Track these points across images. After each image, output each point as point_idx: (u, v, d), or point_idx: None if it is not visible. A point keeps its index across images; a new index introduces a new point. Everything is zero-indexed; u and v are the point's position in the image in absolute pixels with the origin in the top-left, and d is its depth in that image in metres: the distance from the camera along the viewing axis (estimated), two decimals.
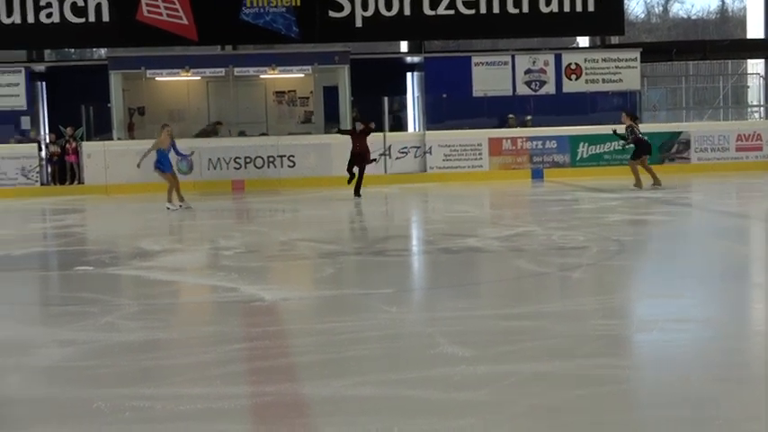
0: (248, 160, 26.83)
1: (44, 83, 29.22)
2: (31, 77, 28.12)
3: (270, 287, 11.01)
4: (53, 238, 18.19)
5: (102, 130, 28.03)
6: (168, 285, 11.93)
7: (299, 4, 27.94)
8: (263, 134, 28.34)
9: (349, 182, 23.20)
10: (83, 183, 26.70)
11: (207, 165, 26.77)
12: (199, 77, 28.73)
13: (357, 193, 23.04)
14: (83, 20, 27.50)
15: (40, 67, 29.12)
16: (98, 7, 27.40)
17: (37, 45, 29.15)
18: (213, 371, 7.28)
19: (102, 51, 29.59)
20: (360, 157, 23.18)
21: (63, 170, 27.10)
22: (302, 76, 29.06)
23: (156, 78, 28.50)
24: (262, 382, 6.88)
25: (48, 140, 27.58)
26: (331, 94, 28.94)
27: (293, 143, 27.32)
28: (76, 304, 10.40)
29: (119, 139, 27.74)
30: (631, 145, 23.32)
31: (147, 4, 27.33)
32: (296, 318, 9.48)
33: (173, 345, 8.56)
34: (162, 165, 21.22)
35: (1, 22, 27.09)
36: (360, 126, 23.59)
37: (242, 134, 28.18)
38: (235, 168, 26.89)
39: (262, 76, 28.96)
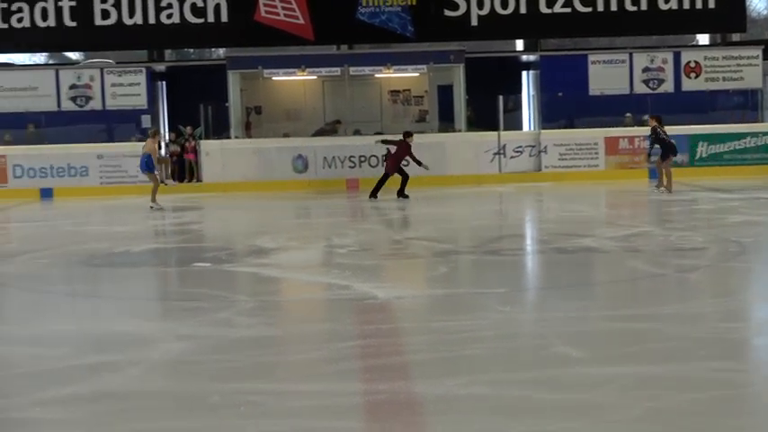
0: (363, 159, 26.92)
1: (164, 82, 29.72)
2: (152, 77, 28.61)
3: (383, 285, 11.04)
4: (172, 235, 18.49)
5: (219, 129, 28.40)
6: (283, 282, 12.06)
7: (414, 2, 27.94)
8: (378, 133, 28.40)
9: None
10: (201, 180, 27.09)
11: (322, 163, 26.95)
12: (315, 77, 28.91)
13: (398, 194, 22.88)
14: (202, 20, 27.93)
15: (160, 67, 29.62)
16: (217, 8, 27.80)
17: (158, 45, 29.69)
18: (326, 368, 7.33)
19: (221, 51, 30.00)
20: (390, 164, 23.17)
21: (182, 168, 27.55)
22: (417, 75, 29.03)
23: (273, 78, 28.76)
24: (375, 379, 6.90)
25: (168, 139, 28.06)
26: (445, 92, 28.86)
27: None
28: (194, 300, 10.57)
29: (236, 137, 28.07)
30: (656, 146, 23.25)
31: (265, 5, 27.61)
32: (409, 316, 9.48)
33: (287, 341, 8.64)
34: (148, 166, 21.66)
35: (123, 23, 27.66)
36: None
37: (357, 133, 28.29)
38: (349, 167, 27.00)
39: (377, 76, 29.02)
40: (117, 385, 7.02)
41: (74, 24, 27.58)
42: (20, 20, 27.35)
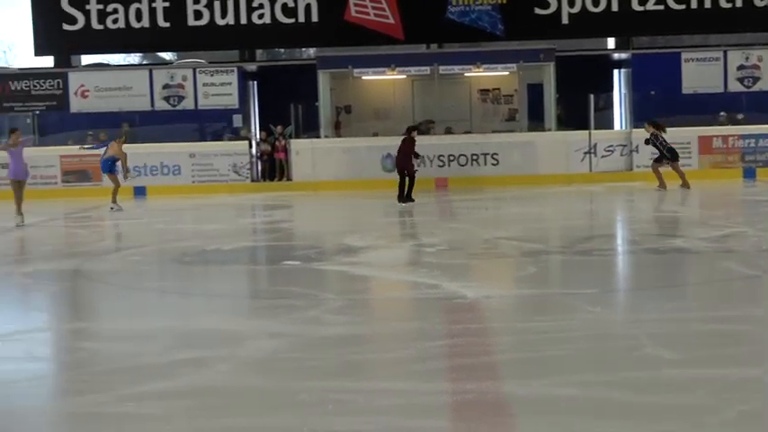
0: (452, 158, 26.90)
1: (255, 82, 29.99)
2: (243, 77, 28.89)
3: (472, 284, 11.02)
4: (262, 234, 18.66)
5: (309, 128, 28.56)
6: (371, 281, 12.11)
7: (504, 1, 27.84)
8: (468, 132, 28.37)
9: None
10: (291, 179, 27.29)
11: None
12: (404, 76, 28.95)
13: (405, 198, 22.03)
14: (293, 20, 28.13)
15: (251, 67, 29.90)
16: (307, 8, 28.00)
17: (249, 45, 29.96)
18: (414, 367, 7.35)
19: (311, 51, 30.15)
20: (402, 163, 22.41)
21: (272, 167, 27.77)
22: (507, 73, 28.91)
23: (363, 77, 28.85)
24: (462, 379, 6.90)
25: (258, 138, 28.31)
26: (535, 91, 28.70)
27: (497, 141, 27.25)
28: (284, 298, 10.66)
29: (326, 137, 28.21)
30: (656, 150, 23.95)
31: (356, 4, 27.72)
32: (497, 316, 9.46)
33: (375, 340, 8.68)
34: (110, 169, 22.19)
35: (215, 23, 27.99)
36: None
37: (448, 132, 28.27)
38: (438, 166, 27.00)
39: (466, 74, 28.97)
40: (207, 381, 7.12)
41: (167, 25, 27.97)
42: (115, 21, 27.83)
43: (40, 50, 28.65)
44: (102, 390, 7.00)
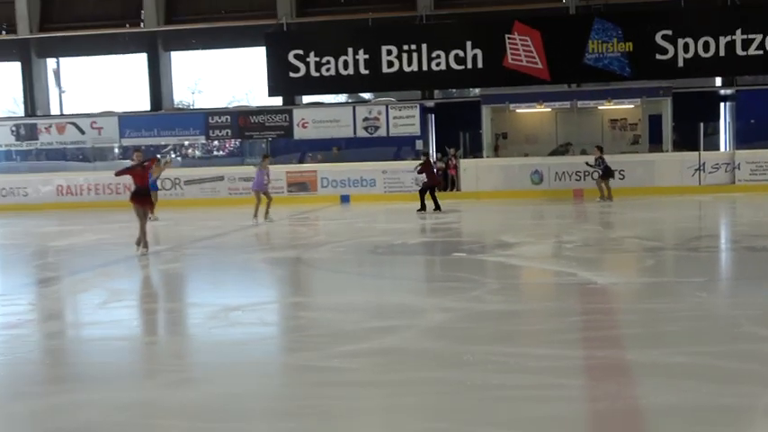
0: (587, 173, 26.38)
1: (433, 115, 30.09)
2: (424, 111, 29.05)
3: (602, 273, 10.80)
4: (437, 232, 18.70)
5: (474, 150, 28.57)
6: (522, 269, 11.99)
7: (631, 49, 27.14)
8: (599, 147, 27.84)
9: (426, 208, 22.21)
10: (460, 190, 27.27)
11: (554, 177, 26.63)
12: (549, 109, 28.64)
13: (430, 207, 22.09)
14: (462, 67, 28.08)
15: (429, 103, 30.03)
16: (474, 57, 27.89)
17: (428, 87, 30.07)
18: (556, 336, 7.25)
19: (476, 90, 30.05)
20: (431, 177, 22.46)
21: (446, 180, 27.81)
22: (632, 106, 28.26)
23: (517, 110, 28.70)
24: (594, 347, 6.78)
25: (435, 158, 28.39)
26: (655, 121, 27.94)
27: (624, 160, 26.63)
28: (453, 281, 10.66)
29: (487, 157, 28.19)
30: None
31: (512, 54, 27.50)
32: (622, 298, 9.24)
33: (525, 315, 8.59)
34: (155, 186, 21.54)
35: (403, 70, 28.20)
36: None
37: (583, 153, 27.78)
38: (576, 180, 26.56)
39: (599, 107, 28.41)
40: (394, 344, 7.18)
41: (366, 72, 28.33)
42: (327, 69, 28.36)
43: (272, 92, 29.44)
44: (314, 349, 7.14)
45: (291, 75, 28.55)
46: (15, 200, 28.22)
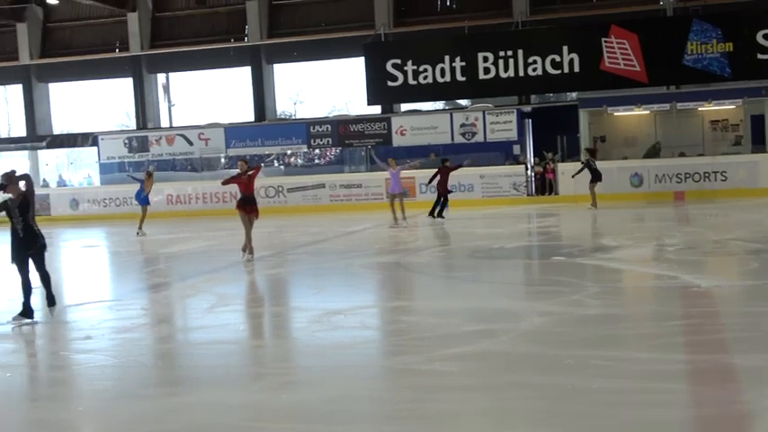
0: (687, 176, 25.69)
1: (530, 120, 29.76)
2: (521, 116, 28.77)
3: (704, 276, 10.51)
4: (535, 236, 18.51)
5: (572, 153, 28.16)
6: (622, 273, 11.74)
7: (731, 49, 26.29)
8: (700, 155, 27.05)
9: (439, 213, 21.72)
10: (557, 194, 26.91)
11: (653, 179, 26.00)
12: (647, 111, 28.03)
13: (438, 214, 21.65)
14: (559, 71, 27.67)
15: (527, 108, 29.70)
16: (571, 61, 27.44)
17: (525, 92, 29.78)
18: (658, 340, 7.07)
19: (574, 94, 29.60)
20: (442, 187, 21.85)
21: (543, 184, 27.48)
22: (733, 107, 27.38)
23: (615, 113, 28.18)
24: (697, 351, 6.59)
25: (532, 162, 28.10)
26: (758, 121, 27.01)
27: (726, 161, 25.83)
28: (552, 285, 10.52)
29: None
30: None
31: (609, 57, 26.98)
32: (726, 301, 8.96)
33: (625, 318, 8.41)
34: (145, 201, 21.59)
35: (500, 76, 27.95)
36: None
37: (682, 155, 27.08)
38: (676, 182, 25.88)
39: (699, 109, 27.63)
40: (494, 347, 7.12)
41: (463, 79, 28.18)
42: (425, 77, 28.31)
43: (371, 101, 29.57)
44: (416, 352, 7.13)
45: (389, 83, 28.62)
46: (128, 209, 29.04)
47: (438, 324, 8.20)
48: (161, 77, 34.32)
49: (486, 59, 28.03)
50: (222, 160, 31.26)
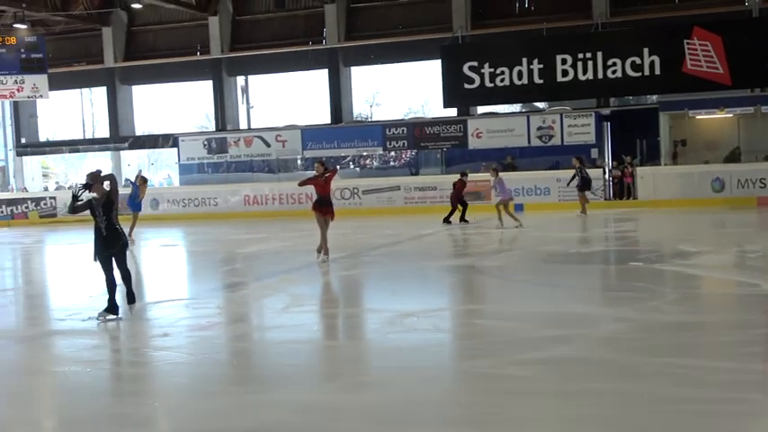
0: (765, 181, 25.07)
1: (608, 123, 29.37)
2: (599, 119, 28.44)
3: None
4: (612, 240, 18.24)
5: (651, 157, 27.74)
6: (701, 279, 11.50)
7: None
8: None
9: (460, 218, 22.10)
10: (636, 198, 26.49)
11: (736, 184, 25.38)
12: (731, 115, 27.42)
13: (461, 219, 22.04)
14: (639, 74, 27.24)
15: (605, 111, 29.34)
16: (651, 64, 26.98)
17: (604, 95, 29.38)
18: (738, 349, 6.91)
19: (654, 97, 29.10)
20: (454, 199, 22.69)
21: (621, 189, 27.08)
22: None
23: (696, 117, 27.70)
24: None
25: (611, 166, 27.72)
26: None
27: None
28: (629, 291, 10.34)
29: (665, 164, 27.31)
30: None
31: (691, 59, 26.47)
32: None
33: (705, 326, 8.24)
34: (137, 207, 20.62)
35: (578, 78, 27.64)
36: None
37: (766, 160, 26.37)
38: (760, 187, 25.20)
39: None
40: (569, 353, 7.04)
41: (541, 82, 27.97)
42: (502, 80, 28.16)
43: (447, 104, 29.55)
44: (489, 356, 7.10)
45: (466, 86, 28.55)
46: (206, 209, 29.55)
47: (512, 328, 8.14)
48: (240, 80, 34.83)
49: (564, 61, 27.77)
50: (298, 162, 31.59)
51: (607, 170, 27.59)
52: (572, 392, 5.89)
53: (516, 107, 33.14)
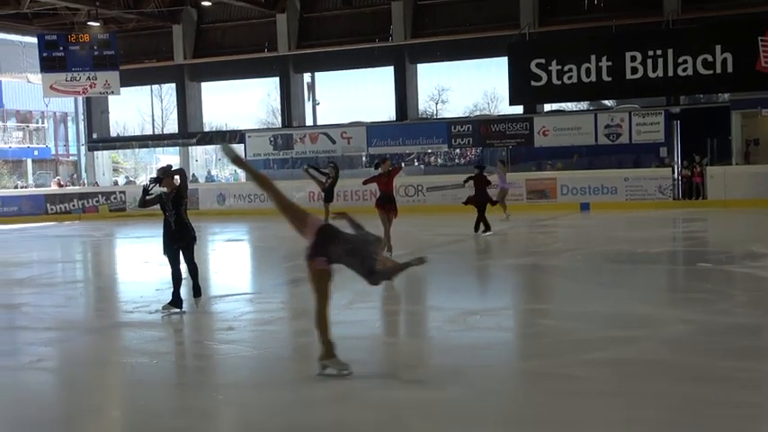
0: None
1: (678, 121, 28.87)
2: (669, 117, 27.97)
3: None
4: (680, 241, 17.93)
5: (722, 157, 27.18)
6: None
7: None
8: None
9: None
10: (705, 198, 26.00)
11: None
12: None
13: (483, 228, 18.14)
14: (711, 72, 26.70)
15: (675, 110, 28.84)
16: (724, 61, 26.42)
17: (674, 92, 28.87)
18: None
19: (726, 95, 28.51)
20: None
21: (690, 189, 26.61)
22: None
23: None
24: None
25: (680, 166, 27.26)
26: None
27: None
28: (697, 292, 10.18)
29: (737, 164, 26.77)
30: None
31: (765, 57, 25.85)
32: None
33: None
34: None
35: (648, 76, 27.22)
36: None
37: None
38: None
39: None
40: (633, 354, 6.96)
41: (609, 79, 27.60)
42: (569, 77, 27.85)
43: (513, 101, 29.34)
44: (551, 356, 7.06)
45: (533, 83, 28.31)
46: (271, 205, 29.78)
47: (575, 328, 8.07)
48: (306, 77, 35.09)
49: (633, 59, 27.35)
50: (363, 159, 31.70)
51: (676, 169, 27.14)
52: (633, 394, 5.82)
53: (583, 105, 32.77)
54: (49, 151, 44.68)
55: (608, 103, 32.27)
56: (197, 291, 9.76)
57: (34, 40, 32.32)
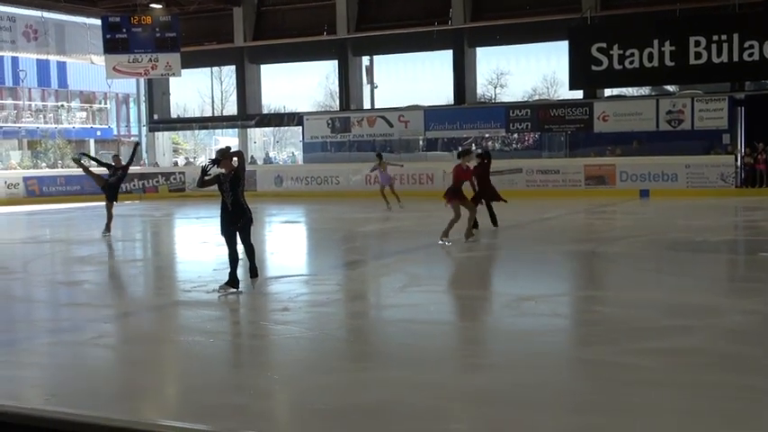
0: None
1: (742, 108, 28.27)
2: (733, 104, 27.40)
3: None
4: (742, 230, 17.59)
5: None
6: None
7: None
8: None
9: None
10: None
11: None
12: None
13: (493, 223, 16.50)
14: None
15: (740, 96, 28.24)
16: None
17: (739, 78, 28.27)
18: None
19: None
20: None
21: (753, 176, 26.06)
22: None
23: None
24: None
25: (743, 153, 26.71)
26: None
27: None
28: (758, 282, 9.99)
29: None
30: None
31: None
32: None
33: None
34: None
35: (712, 61, 26.68)
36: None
37: None
38: None
39: None
40: (690, 344, 6.86)
41: (672, 64, 27.12)
42: (631, 62, 27.44)
43: (573, 86, 29.00)
44: (607, 343, 6.99)
45: (594, 68, 27.94)
46: (328, 187, 29.97)
47: (632, 316, 7.98)
48: (365, 60, 35.08)
49: (697, 44, 26.83)
50: (420, 143, 31.62)
51: (739, 157, 26.58)
52: (690, 384, 5.74)
53: (645, 90, 32.25)
54: (112, 131, 45.43)
55: (670, 88, 31.72)
56: (253, 271, 9.86)
57: (98, 21, 32.80)
